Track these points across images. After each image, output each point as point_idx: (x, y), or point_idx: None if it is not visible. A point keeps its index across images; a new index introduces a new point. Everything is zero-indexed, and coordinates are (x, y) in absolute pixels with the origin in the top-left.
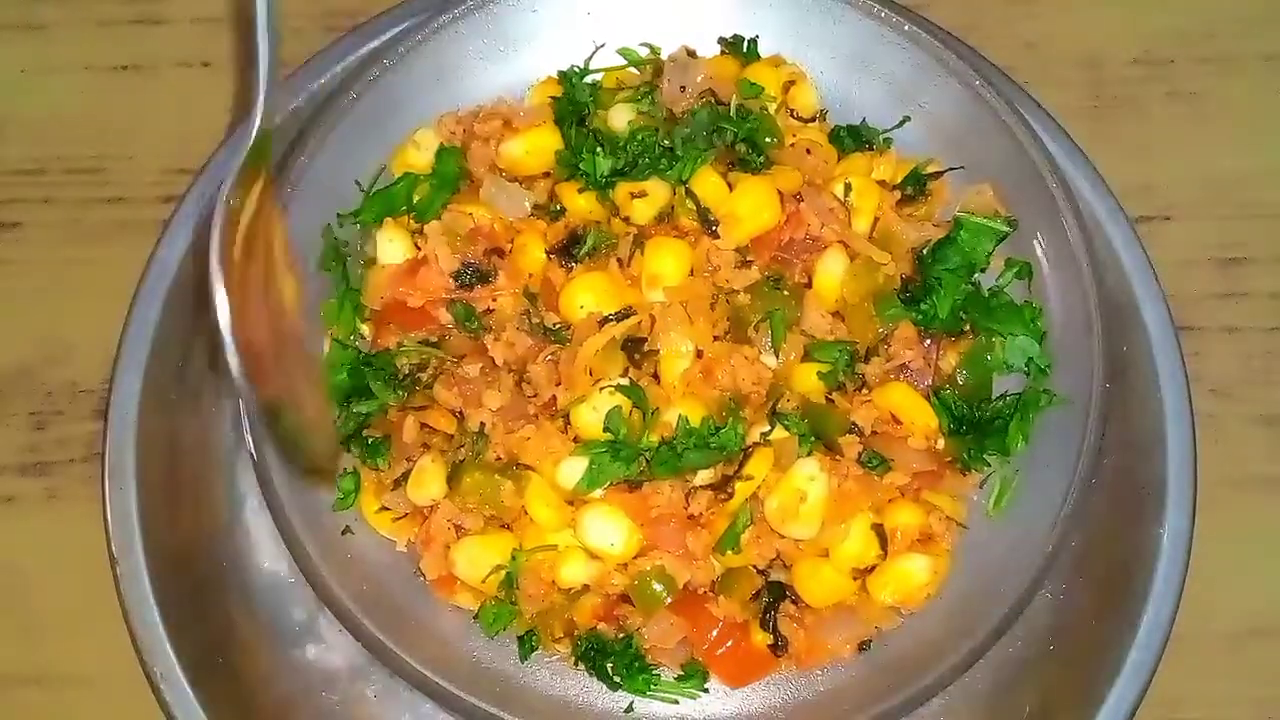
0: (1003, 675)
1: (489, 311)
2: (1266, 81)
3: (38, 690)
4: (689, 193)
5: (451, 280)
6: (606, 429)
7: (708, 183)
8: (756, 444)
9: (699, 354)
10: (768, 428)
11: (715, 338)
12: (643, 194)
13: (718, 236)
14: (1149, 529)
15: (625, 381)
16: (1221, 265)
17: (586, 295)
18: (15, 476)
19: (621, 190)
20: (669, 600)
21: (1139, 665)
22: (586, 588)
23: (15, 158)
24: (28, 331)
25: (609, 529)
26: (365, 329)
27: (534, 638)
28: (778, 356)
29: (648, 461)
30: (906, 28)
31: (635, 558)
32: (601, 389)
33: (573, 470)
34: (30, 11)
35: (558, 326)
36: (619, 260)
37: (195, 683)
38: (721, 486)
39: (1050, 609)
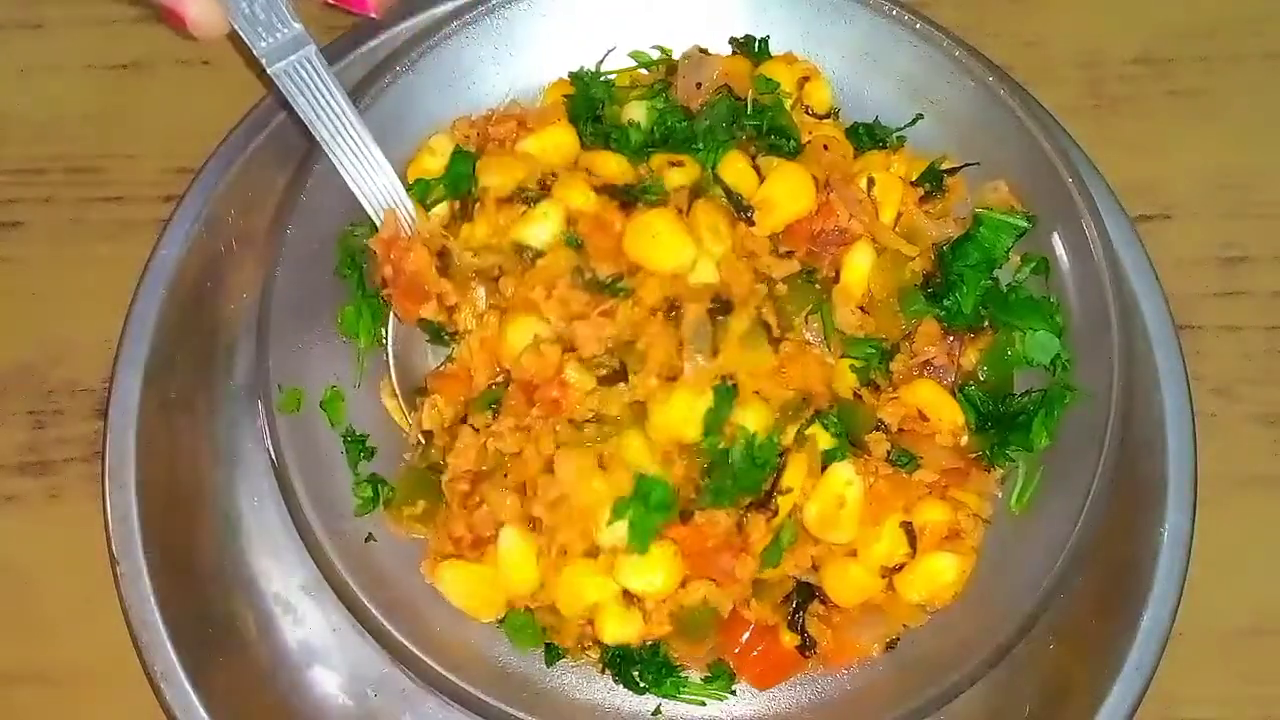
0: (1002, 674)
1: (535, 256)
2: (1267, 80)
3: (38, 689)
4: (717, 179)
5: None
6: (708, 432)
7: (735, 169)
8: (788, 449)
9: (775, 344)
10: (804, 424)
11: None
12: (680, 163)
13: (753, 223)
14: (1149, 528)
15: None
16: (1222, 264)
17: (661, 223)
18: (15, 476)
19: (658, 158)
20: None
21: (1139, 664)
22: None
23: (15, 157)
24: (28, 330)
25: (651, 571)
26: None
27: (561, 648)
28: (830, 350)
29: (697, 490)
30: (918, 25)
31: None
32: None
33: (616, 534)
34: (30, 10)
35: (611, 280)
36: (678, 209)
37: (195, 682)
38: (765, 503)
39: (1051, 608)
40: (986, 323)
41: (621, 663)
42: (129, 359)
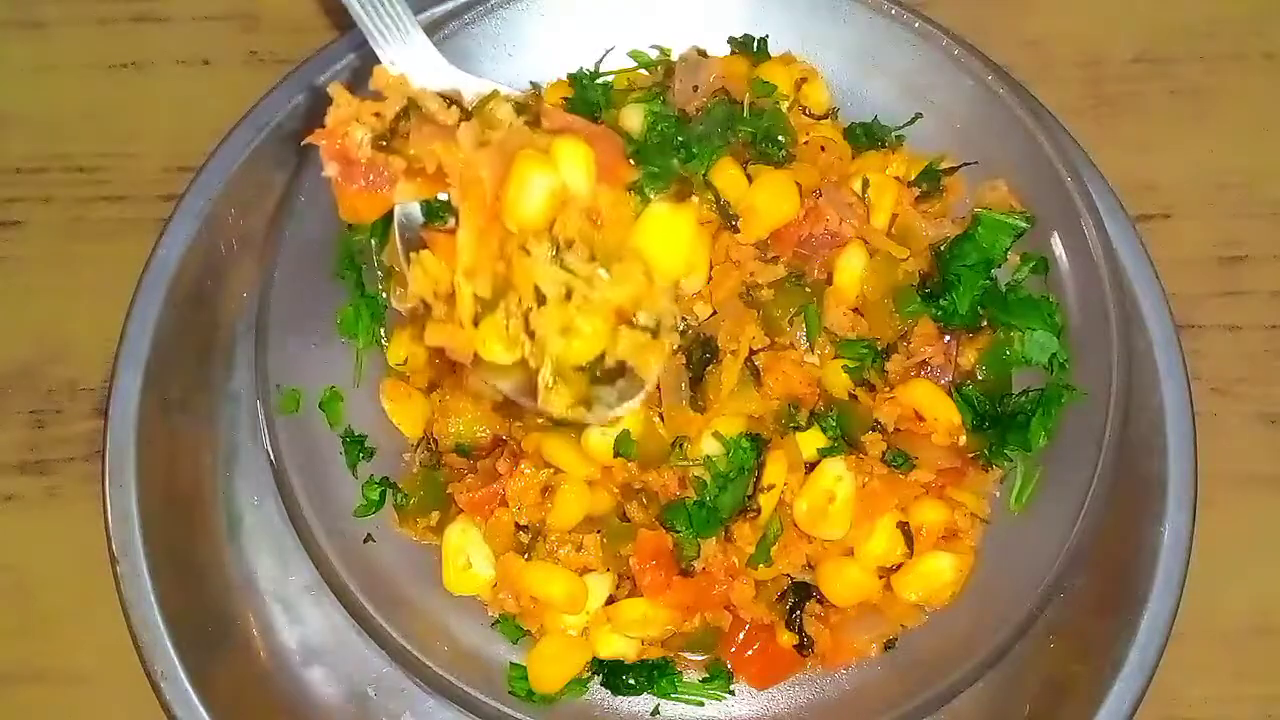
0: (1003, 674)
1: None
2: (1267, 79)
3: (38, 688)
4: (708, 184)
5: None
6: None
7: (727, 175)
8: (766, 443)
9: (750, 356)
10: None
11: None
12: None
13: (737, 230)
14: (1149, 527)
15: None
16: (1222, 263)
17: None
18: (15, 475)
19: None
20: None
21: (1139, 663)
22: None
23: (16, 156)
24: (28, 330)
25: (646, 623)
26: None
27: None
28: (814, 352)
29: (689, 520)
30: (916, 25)
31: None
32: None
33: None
34: (31, 10)
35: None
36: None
37: (195, 681)
38: (748, 508)
39: (1051, 607)
40: (985, 322)
41: (609, 673)
42: (129, 358)
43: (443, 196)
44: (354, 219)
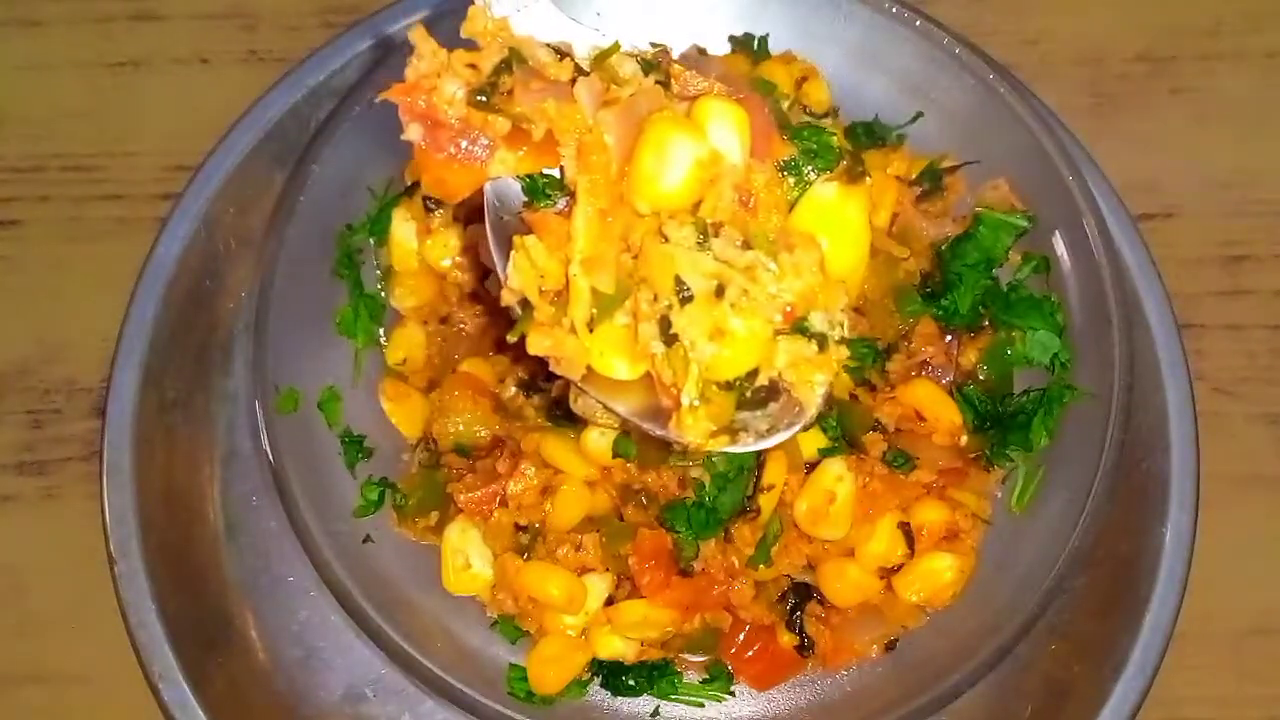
0: (1004, 674)
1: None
2: (1269, 78)
3: (36, 689)
4: None
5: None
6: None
7: None
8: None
9: None
10: None
11: None
12: None
13: None
14: (1152, 527)
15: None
16: (1224, 263)
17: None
18: (13, 475)
19: None
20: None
21: (1142, 664)
22: None
23: (14, 155)
24: (25, 329)
25: (645, 624)
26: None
27: None
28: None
29: (688, 521)
30: (918, 23)
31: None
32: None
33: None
34: (29, 8)
35: None
36: None
37: (193, 682)
38: (747, 508)
39: (1052, 608)
40: (986, 322)
41: (609, 673)
42: (127, 358)
43: (552, 172)
44: (440, 194)
